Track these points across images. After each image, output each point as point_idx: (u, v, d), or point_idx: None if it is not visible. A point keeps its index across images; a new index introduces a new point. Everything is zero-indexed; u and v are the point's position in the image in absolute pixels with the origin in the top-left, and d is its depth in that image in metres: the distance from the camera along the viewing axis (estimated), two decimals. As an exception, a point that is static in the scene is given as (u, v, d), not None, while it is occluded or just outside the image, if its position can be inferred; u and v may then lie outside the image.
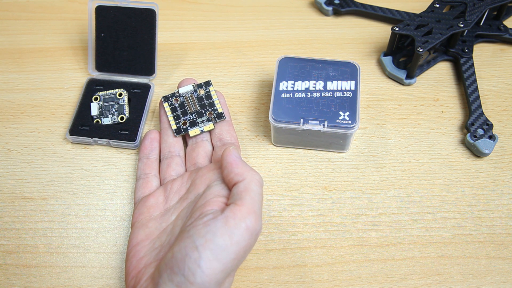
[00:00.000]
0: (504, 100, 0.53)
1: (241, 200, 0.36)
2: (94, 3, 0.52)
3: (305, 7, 0.61)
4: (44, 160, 0.49)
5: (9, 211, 0.46)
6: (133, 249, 0.39)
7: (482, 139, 0.48)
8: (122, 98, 0.51)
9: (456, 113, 0.52)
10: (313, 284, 0.42)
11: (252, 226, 0.35)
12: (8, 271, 0.43)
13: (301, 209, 0.46)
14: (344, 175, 0.48)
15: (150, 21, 0.52)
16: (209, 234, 0.34)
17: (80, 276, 0.43)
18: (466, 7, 0.53)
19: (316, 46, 0.57)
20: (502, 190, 0.47)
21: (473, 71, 0.53)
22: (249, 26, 0.59)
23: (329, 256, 0.43)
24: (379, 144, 0.50)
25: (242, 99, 0.53)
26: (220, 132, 0.47)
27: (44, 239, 0.44)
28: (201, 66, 0.56)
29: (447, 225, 0.45)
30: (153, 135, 0.47)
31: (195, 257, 0.33)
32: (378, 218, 0.45)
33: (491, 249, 0.44)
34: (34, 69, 0.56)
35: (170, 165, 0.45)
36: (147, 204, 0.42)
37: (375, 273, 0.42)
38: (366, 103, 0.52)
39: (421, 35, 0.51)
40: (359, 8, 0.59)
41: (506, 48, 0.57)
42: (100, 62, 0.53)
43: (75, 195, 0.47)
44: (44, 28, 0.59)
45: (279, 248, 0.44)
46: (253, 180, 0.37)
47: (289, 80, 0.48)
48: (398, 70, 0.54)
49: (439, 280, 0.42)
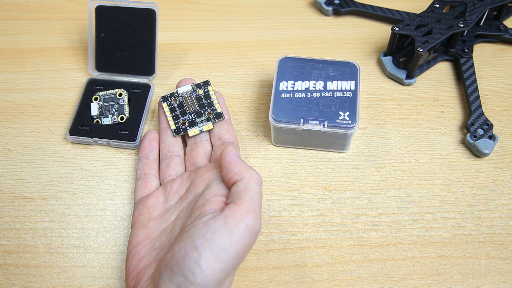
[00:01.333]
0: (504, 100, 0.52)
1: (241, 199, 0.36)
2: (94, 3, 0.52)
3: (305, 7, 0.61)
4: (44, 160, 0.49)
5: (9, 211, 0.46)
6: (133, 250, 0.39)
7: (482, 139, 0.48)
8: (122, 98, 0.51)
9: (456, 113, 0.52)
10: (313, 284, 0.42)
11: (252, 225, 0.35)
12: (8, 271, 0.43)
13: (301, 209, 0.46)
14: (344, 175, 0.48)
15: (150, 21, 0.52)
16: (208, 233, 0.34)
17: (80, 276, 0.43)
18: (466, 7, 0.53)
19: (316, 46, 0.57)
20: (502, 190, 0.47)
21: (473, 71, 0.53)
22: (249, 26, 0.59)
23: (329, 256, 0.43)
24: (379, 144, 0.50)
25: (242, 99, 0.53)
26: (219, 131, 0.47)
27: (44, 239, 0.44)
28: (201, 66, 0.56)
29: (447, 225, 0.45)
30: (152, 135, 0.47)
31: (195, 257, 0.33)
32: (378, 218, 0.45)
33: (491, 249, 0.44)
34: (34, 69, 0.56)
35: (169, 165, 0.45)
36: (147, 204, 0.42)
37: (375, 273, 0.42)
38: (366, 103, 0.52)
39: (421, 35, 0.51)
40: (359, 8, 0.59)
41: (506, 48, 0.57)
42: (100, 62, 0.53)
43: (75, 195, 0.47)
44: (44, 28, 0.59)
45: (279, 248, 0.44)
46: (252, 179, 0.37)
47: (289, 80, 0.48)
48: (398, 70, 0.54)
49: (439, 280, 0.42)
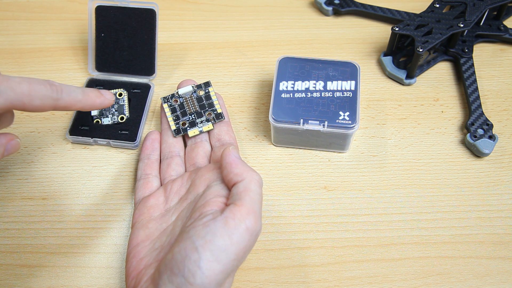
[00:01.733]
0: (504, 100, 0.53)
1: (241, 201, 0.36)
2: (94, 3, 0.52)
3: (305, 7, 0.61)
4: (44, 160, 0.49)
5: (9, 211, 0.46)
6: (133, 250, 0.40)
7: (482, 139, 0.48)
8: (122, 98, 0.51)
9: (456, 113, 0.52)
10: (313, 284, 0.42)
11: (252, 227, 0.35)
12: (8, 271, 0.43)
13: (301, 209, 0.46)
14: (344, 175, 0.48)
15: (150, 21, 0.52)
16: (208, 235, 0.34)
17: (80, 276, 0.43)
18: (466, 7, 0.53)
19: (316, 46, 0.57)
20: (502, 190, 0.47)
21: (473, 71, 0.53)
22: (249, 26, 0.59)
23: (329, 256, 0.43)
24: (379, 144, 0.50)
25: (242, 99, 0.53)
26: (219, 132, 0.47)
27: (44, 239, 0.44)
28: (201, 66, 0.56)
29: (447, 225, 0.45)
30: (154, 136, 0.47)
31: (195, 258, 0.33)
32: (378, 218, 0.45)
33: (491, 249, 0.44)
34: (34, 69, 0.56)
35: (170, 165, 0.45)
36: (148, 204, 0.42)
37: (375, 273, 0.43)
38: (366, 103, 0.52)
39: (421, 35, 0.51)
40: (359, 8, 0.59)
41: (506, 48, 0.57)
42: (100, 62, 0.53)
43: (75, 195, 0.47)
44: (44, 28, 0.59)
45: (279, 248, 0.44)
46: (252, 180, 0.37)
47: (289, 80, 0.48)
48: (398, 70, 0.54)
49: (439, 280, 0.42)
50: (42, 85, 0.36)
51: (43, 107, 0.36)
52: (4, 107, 0.34)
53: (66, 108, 0.38)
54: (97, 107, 0.41)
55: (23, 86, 0.35)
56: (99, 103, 0.41)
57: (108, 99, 0.41)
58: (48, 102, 0.36)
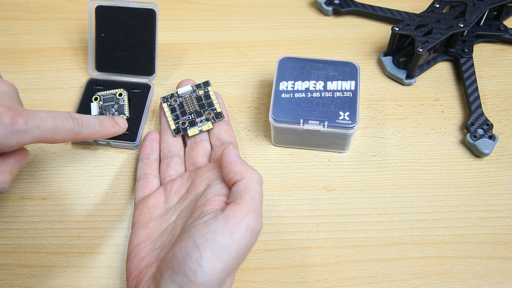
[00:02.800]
0: (504, 100, 0.53)
1: (241, 199, 0.36)
2: (94, 3, 0.52)
3: (305, 7, 0.61)
4: (44, 160, 0.49)
5: (9, 211, 0.46)
6: (134, 250, 0.39)
7: (482, 139, 0.48)
8: (122, 98, 0.51)
9: (456, 113, 0.52)
10: (313, 284, 0.42)
11: (253, 225, 0.35)
12: (8, 271, 0.43)
13: (301, 209, 0.46)
14: (344, 175, 0.48)
15: (150, 21, 0.52)
16: (209, 233, 0.34)
17: (80, 276, 0.43)
18: (466, 7, 0.53)
19: (316, 46, 0.57)
20: (502, 190, 0.47)
21: (473, 71, 0.53)
22: (249, 26, 0.59)
23: (329, 256, 0.43)
24: (379, 144, 0.50)
25: (242, 99, 0.53)
26: (218, 131, 0.47)
27: (44, 239, 0.44)
28: (201, 66, 0.56)
29: (447, 225, 0.45)
30: (153, 136, 0.47)
31: (196, 256, 0.33)
32: (378, 218, 0.45)
33: (491, 249, 0.44)
34: (34, 69, 0.56)
35: (170, 164, 0.45)
36: (148, 204, 0.42)
37: (375, 273, 0.43)
38: (366, 103, 0.52)
39: (421, 35, 0.51)
40: (359, 8, 0.59)
41: (506, 48, 0.57)
42: (100, 62, 0.53)
43: (75, 195, 0.47)
44: (44, 28, 0.59)
45: (279, 248, 0.44)
46: (252, 179, 0.37)
47: (289, 80, 0.48)
48: (398, 70, 0.54)
49: (439, 280, 0.42)
50: (65, 119, 0.38)
51: (63, 140, 0.38)
52: (28, 143, 0.36)
53: (84, 139, 0.41)
54: (112, 136, 0.45)
55: (49, 122, 0.36)
56: (114, 132, 0.45)
57: (123, 128, 0.46)
58: (69, 136, 0.38)
